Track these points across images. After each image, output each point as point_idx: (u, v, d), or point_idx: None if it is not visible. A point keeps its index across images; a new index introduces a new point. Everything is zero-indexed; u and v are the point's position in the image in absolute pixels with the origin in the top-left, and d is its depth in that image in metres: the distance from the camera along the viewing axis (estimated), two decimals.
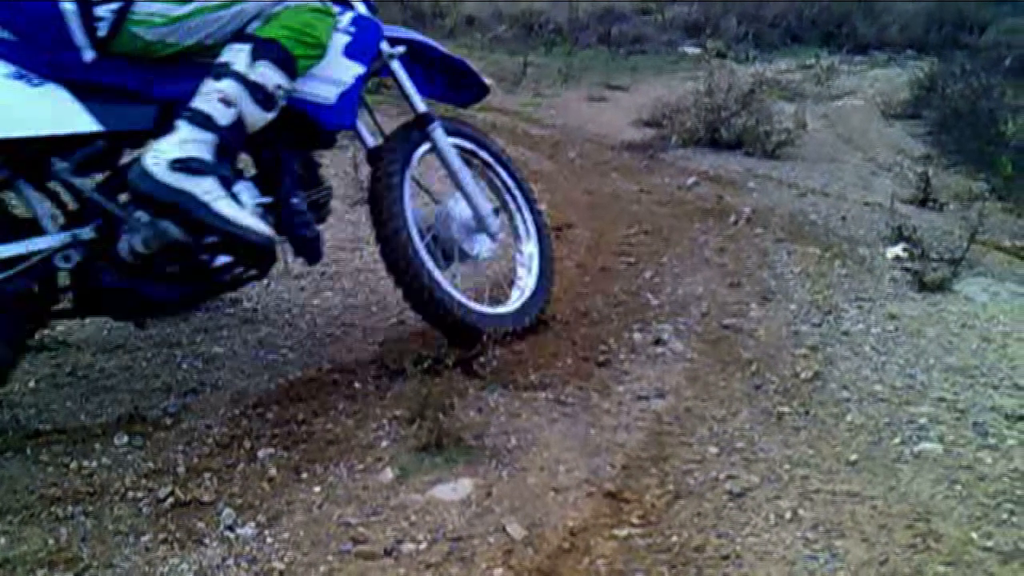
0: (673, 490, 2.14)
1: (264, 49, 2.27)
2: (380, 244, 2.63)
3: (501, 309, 2.85)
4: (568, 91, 7.62)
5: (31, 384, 2.59)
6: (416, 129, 2.77)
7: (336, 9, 2.49)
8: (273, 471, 2.20)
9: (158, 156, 2.15)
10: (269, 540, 1.96)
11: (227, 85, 2.22)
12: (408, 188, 2.67)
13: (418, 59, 2.85)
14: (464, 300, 2.71)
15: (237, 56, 2.25)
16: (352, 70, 2.48)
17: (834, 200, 4.59)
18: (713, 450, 2.32)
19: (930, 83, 7.18)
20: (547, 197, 4.41)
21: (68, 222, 2.25)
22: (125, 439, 2.32)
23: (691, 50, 9.67)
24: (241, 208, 2.26)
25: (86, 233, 2.21)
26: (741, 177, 4.95)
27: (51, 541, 1.93)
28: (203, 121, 2.20)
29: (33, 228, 2.19)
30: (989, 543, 1.95)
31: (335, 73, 2.46)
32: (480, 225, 2.84)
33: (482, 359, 2.68)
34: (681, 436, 2.39)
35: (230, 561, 1.89)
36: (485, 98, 3.15)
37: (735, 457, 2.29)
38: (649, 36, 10.12)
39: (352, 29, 2.52)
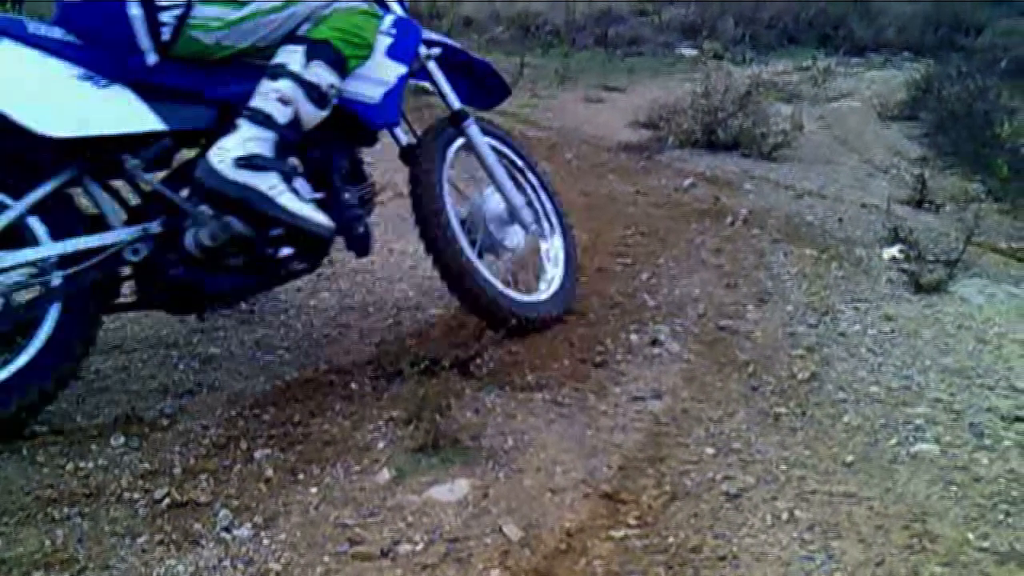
0: (670, 491, 2.14)
1: (317, 50, 2.37)
2: (424, 238, 2.73)
3: (534, 297, 2.96)
4: (565, 92, 7.62)
5: None
6: (451, 126, 2.88)
7: (380, 12, 2.62)
8: (270, 472, 2.20)
9: (223, 154, 2.27)
10: (265, 541, 1.95)
11: (284, 85, 2.33)
12: (446, 183, 2.79)
13: (444, 63, 2.91)
14: (503, 288, 2.83)
15: (292, 57, 2.36)
16: (395, 70, 2.57)
17: (831, 201, 4.60)
18: (710, 451, 2.32)
19: (926, 85, 7.19)
20: None
21: (130, 218, 2.37)
22: (121, 440, 2.31)
23: (688, 52, 9.68)
24: (303, 202, 2.38)
25: (154, 227, 2.33)
26: (738, 178, 4.95)
27: (47, 542, 1.92)
28: (263, 120, 2.30)
29: (96, 224, 2.32)
30: (985, 544, 1.95)
31: (380, 73, 2.56)
32: (514, 217, 2.95)
33: (479, 360, 2.69)
34: (678, 437, 2.39)
35: (226, 562, 1.89)
36: (507, 100, 3.25)
37: (732, 458, 2.29)
38: (646, 38, 10.13)
39: (394, 31, 2.63)
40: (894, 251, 3.75)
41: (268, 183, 2.30)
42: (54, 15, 2.28)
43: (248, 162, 2.28)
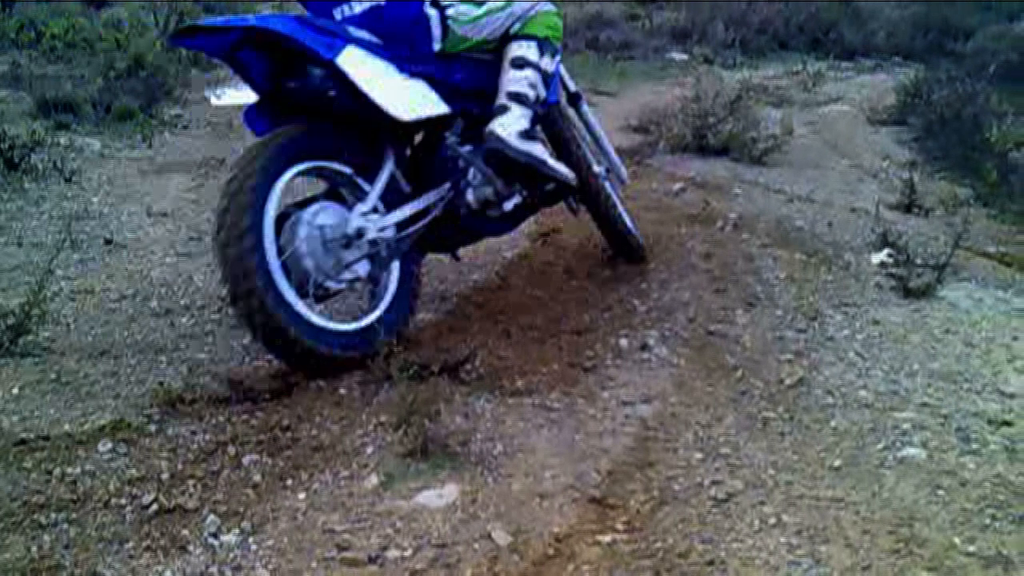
0: (658, 496, 2.15)
1: (544, 45, 2.94)
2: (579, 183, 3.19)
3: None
4: None
5: (15, 391, 2.58)
6: (569, 104, 3.48)
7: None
8: (258, 478, 2.20)
9: (508, 129, 2.82)
10: (253, 547, 1.95)
11: (530, 73, 2.89)
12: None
13: None
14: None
15: (529, 51, 2.91)
16: (556, 57, 3.08)
17: (820, 206, 4.61)
18: (698, 456, 2.33)
19: (916, 89, 7.21)
20: None
21: (417, 185, 2.91)
22: (109, 446, 2.31)
23: (679, 56, 9.70)
24: (559, 162, 3.00)
25: (446, 190, 2.91)
26: (728, 183, 4.96)
27: (34, 549, 1.92)
28: (524, 101, 2.86)
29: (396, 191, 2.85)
30: (972, 548, 1.96)
31: None
32: (615, 174, 3.62)
33: (468, 365, 2.69)
34: (666, 442, 2.39)
35: (214, 568, 1.89)
36: None
37: (720, 463, 2.30)
38: (637, 42, 10.14)
39: None
40: (883, 255, 3.75)
41: (539, 150, 2.91)
42: (346, 19, 2.75)
43: (527, 134, 2.85)
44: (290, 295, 2.50)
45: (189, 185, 4.75)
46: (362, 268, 2.71)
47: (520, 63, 2.88)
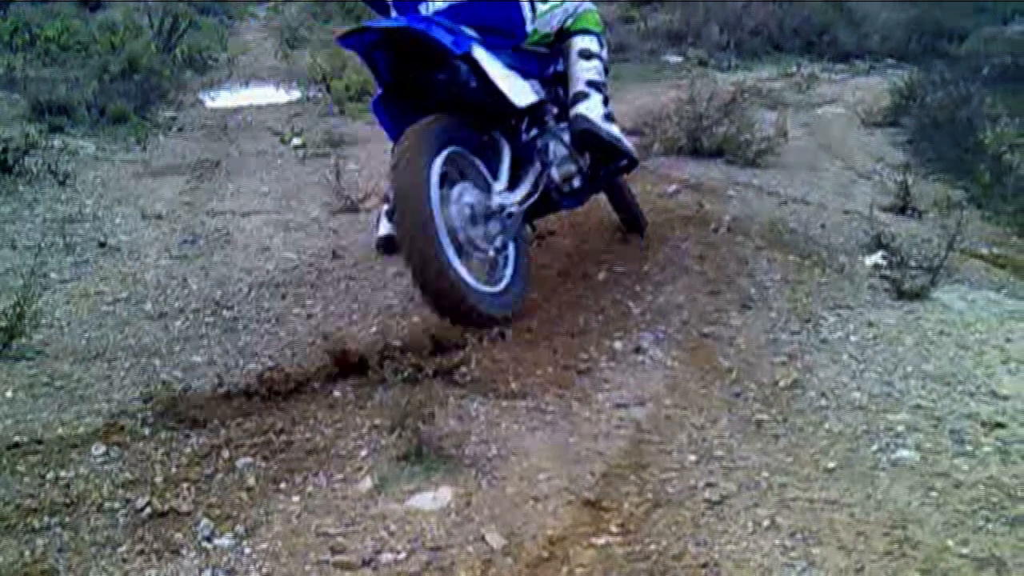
0: (652, 498, 2.15)
1: (600, 39, 3.38)
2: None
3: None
4: None
5: (8, 394, 2.58)
6: None
7: None
8: (251, 481, 2.20)
9: (594, 113, 3.25)
10: (247, 551, 1.95)
11: (597, 63, 3.32)
12: None
13: None
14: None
15: (592, 44, 3.35)
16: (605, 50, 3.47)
17: (814, 208, 4.61)
18: (692, 458, 2.33)
19: (910, 92, 7.21)
20: None
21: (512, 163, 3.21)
22: (102, 449, 2.30)
23: (673, 59, 9.70)
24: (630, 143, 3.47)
25: (538, 167, 3.26)
26: (722, 185, 4.96)
27: (27, 553, 1.92)
28: (599, 87, 3.29)
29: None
30: (965, 550, 1.96)
31: None
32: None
33: (463, 368, 2.69)
34: (660, 444, 2.39)
35: (207, 572, 1.88)
36: None
37: (714, 465, 2.30)
38: (632, 45, 10.14)
39: None
40: (876, 258, 3.76)
41: (618, 130, 3.35)
42: (453, 10, 3.00)
43: (609, 117, 3.30)
44: (456, 261, 2.84)
45: (183, 188, 4.75)
46: (499, 239, 3.06)
47: (587, 54, 3.32)
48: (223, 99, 7.25)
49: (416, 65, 2.96)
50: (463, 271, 2.85)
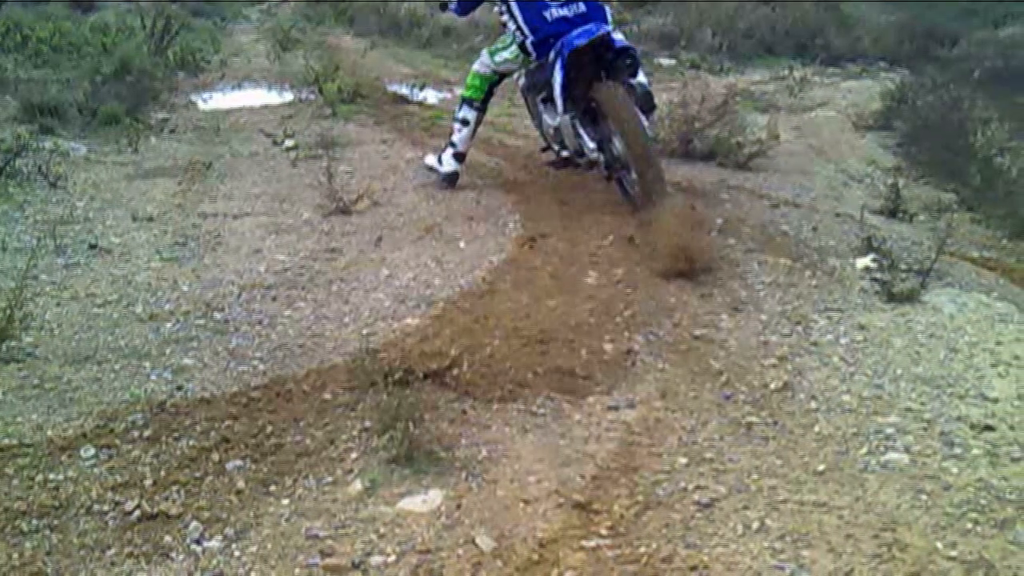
0: (642, 501, 2.15)
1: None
2: None
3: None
4: None
5: None
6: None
7: None
8: (241, 484, 2.19)
9: (645, 79, 4.39)
10: (236, 554, 1.95)
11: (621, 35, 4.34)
12: None
13: None
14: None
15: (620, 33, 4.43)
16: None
17: (805, 211, 4.62)
18: (682, 460, 2.33)
19: (901, 95, 7.23)
20: (521, 207, 4.41)
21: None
22: (92, 452, 2.30)
23: (665, 61, 9.70)
24: None
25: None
26: (713, 188, 4.97)
27: (15, 555, 1.91)
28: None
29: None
30: (953, 552, 1.97)
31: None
32: None
33: (454, 370, 2.69)
34: (651, 446, 2.40)
35: (197, 575, 1.88)
36: None
37: (704, 467, 2.30)
38: None
39: None
40: (867, 260, 3.77)
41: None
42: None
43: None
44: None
45: (175, 189, 4.74)
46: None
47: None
48: (215, 101, 7.23)
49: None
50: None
